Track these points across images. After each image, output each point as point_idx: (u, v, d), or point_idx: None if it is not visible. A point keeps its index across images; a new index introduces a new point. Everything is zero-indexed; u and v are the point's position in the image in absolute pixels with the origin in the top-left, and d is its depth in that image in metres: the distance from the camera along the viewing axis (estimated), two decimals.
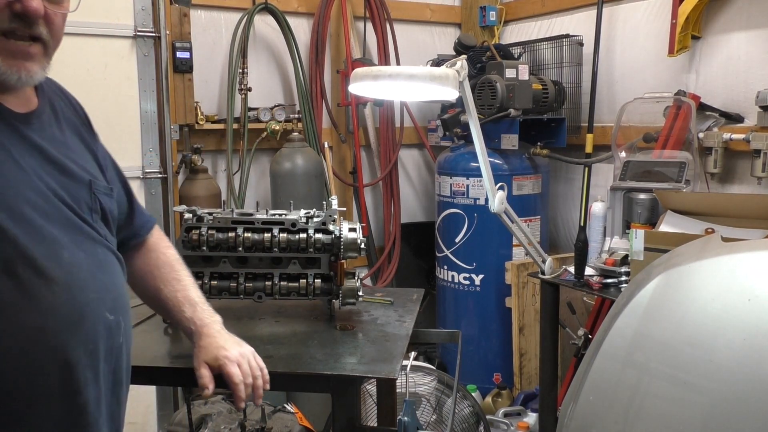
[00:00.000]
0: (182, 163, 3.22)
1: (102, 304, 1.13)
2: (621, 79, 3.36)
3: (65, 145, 1.19)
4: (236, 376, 1.34)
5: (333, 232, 1.88)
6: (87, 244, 1.13)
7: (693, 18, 2.84)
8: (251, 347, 1.43)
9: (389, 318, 1.95)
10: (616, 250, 2.63)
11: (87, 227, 1.15)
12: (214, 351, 1.36)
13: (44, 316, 1.03)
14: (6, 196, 1.03)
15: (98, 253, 1.16)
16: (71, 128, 1.24)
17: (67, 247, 1.08)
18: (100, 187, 1.22)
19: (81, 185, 1.17)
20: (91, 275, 1.11)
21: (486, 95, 3.20)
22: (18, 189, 1.05)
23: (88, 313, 1.09)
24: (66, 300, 1.06)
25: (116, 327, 1.17)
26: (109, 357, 1.15)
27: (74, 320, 1.07)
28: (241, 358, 1.37)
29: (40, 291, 1.03)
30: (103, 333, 1.13)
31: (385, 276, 3.84)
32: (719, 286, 1.24)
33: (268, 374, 1.44)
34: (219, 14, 3.50)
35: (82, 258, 1.11)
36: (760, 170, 2.59)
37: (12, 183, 1.04)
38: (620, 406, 1.27)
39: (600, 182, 3.30)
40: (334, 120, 3.76)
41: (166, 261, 1.46)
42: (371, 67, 1.87)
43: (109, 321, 1.14)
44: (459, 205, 3.45)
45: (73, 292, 1.07)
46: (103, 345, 1.13)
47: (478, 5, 4.05)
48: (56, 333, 1.05)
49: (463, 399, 2.79)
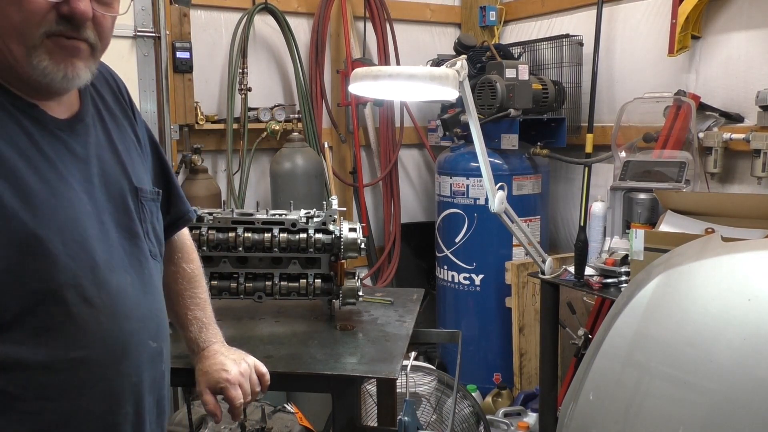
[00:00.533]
0: (182, 163, 3.22)
1: (146, 331, 1.09)
2: (621, 79, 3.36)
3: (111, 148, 1.13)
4: (237, 399, 1.35)
5: (333, 232, 1.88)
6: (134, 264, 1.09)
7: (693, 18, 2.84)
8: (252, 359, 1.42)
9: (389, 318, 1.95)
10: (616, 250, 2.63)
11: (134, 242, 1.10)
12: (215, 375, 1.35)
13: (90, 347, 0.99)
14: (58, 219, 0.97)
15: (144, 273, 1.11)
16: (115, 122, 1.18)
17: (115, 271, 1.04)
18: (147, 194, 1.17)
19: (129, 195, 1.12)
20: (137, 302, 1.07)
21: (486, 95, 3.20)
22: (69, 210, 0.99)
23: (133, 343, 1.05)
24: (112, 330, 1.02)
25: (158, 355, 1.13)
26: (153, 388, 1.12)
27: (119, 352, 1.03)
28: (241, 378, 1.36)
29: (86, 319, 0.99)
30: (147, 363, 1.09)
31: (385, 276, 3.84)
32: (719, 286, 1.24)
33: (269, 374, 1.44)
34: (219, 14, 3.50)
35: (129, 283, 1.06)
36: (760, 170, 2.59)
37: (63, 203, 0.99)
38: (620, 406, 1.27)
39: (600, 182, 3.30)
40: (334, 120, 3.76)
41: (185, 275, 1.42)
42: (371, 67, 1.87)
43: (152, 349, 1.11)
44: (459, 205, 3.45)
45: (119, 322, 1.03)
46: (148, 376, 1.10)
47: (478, 5, 4.05)
48: (101, 365, 1.01)
49: (463, 399, 2.79)
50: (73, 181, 1.02)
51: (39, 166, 0.97)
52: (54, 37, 0.98)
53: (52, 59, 0.98)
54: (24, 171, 0.95)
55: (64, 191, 1.00)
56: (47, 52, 0.98)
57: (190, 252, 1.45)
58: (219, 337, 1.43)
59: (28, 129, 0.99)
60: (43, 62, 0.98)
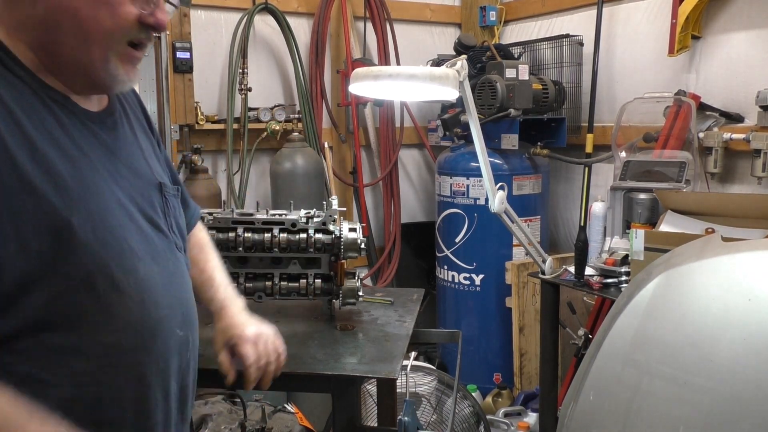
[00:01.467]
0: (182, 163, 3.22)
1: (173, 319, 1.10)
2: (621, 78, 3.36)
3: (137, 144, 1.16)
4: (249, 357, 1.33)
5: (333, 232, 1.88)
6: (160, 253, 1.10)
7: (693, 18, 2.84)
8: (274, 327, 1.41)
9: (389, 318, 1.95)
10: (617, 250, 2.63)
11: (161, 234, 1.12)
12: (230, 331, 1.35)
13: (120, 332, 1.00)
14: (88, 204, 0.98)
15: (170, 263, 1.12)
16: (139, 124, 1.21)
17: (143, 259, 1.04)
18: (170, 189, 1.19)
19: (153, 189, 1.14)
20: (165, 290, 1.08)
21: (486, 95, 3.20)
22: (99, 197, 1.00)
23: (161, 330, 1.07)
24: (141, 316, 1.03)
25: (185, 343, 1.14)
26: (178, 375, 1.12)
27: (148, 337, 1.04)
28: (257, 337, 1.35)
29: (116, 306, 1.00)
30: (174, 350, 1.10)
31: (385, 276, 3.84)
32: (719, 286, 1.24)
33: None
34: (219, 14, 3.50)
35: (156, 271, 1.07)
36: (760, 170, 2.59)
37: (93, 191, 0.99)
38: (620, 406, 1.27)
39: (600, 182, 3.30)
40: (334, 120, 3.76)
41: (195, 242, 1.45)
42: (371, 67, 1.87)
43: (179, 337, 1.11)
44: (459, 205, 3.45)
45: (147, 308, 1.04)
46: (174, 363, 1.11)
47: (478, 5, 4.05)
48: (131, 350, 1.02)
49: (464, 399, 2.79)
50: (103, 170, 1.03)
51: (71, 154, 0.98)
52: (134, 48, 1.02)
53: (124, 66, 1.02)
54: (56, 158, 0.96)
55: (95, 179, 1.01)
56: (121, 60, 1.01)
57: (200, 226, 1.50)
58: (238, 301, 1.43)
59: (61, 118, 1.00)
60: (118, 68, 1.01)
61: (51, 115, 0.99)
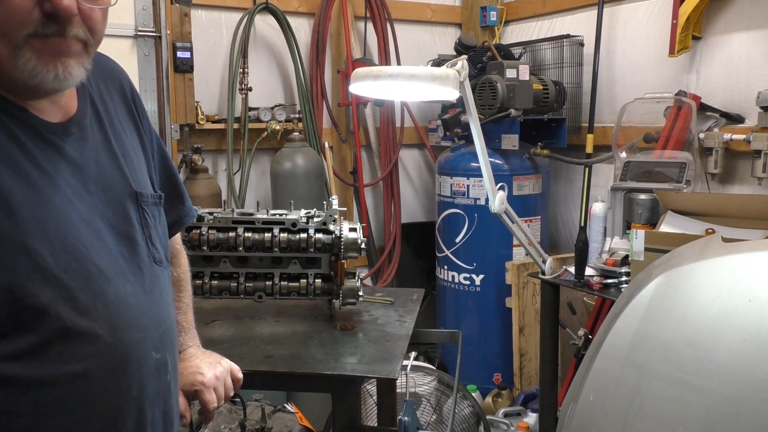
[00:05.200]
0: (183, 162, 3.22)
1: (149, 341, 1.04)
2: (621, 79, 3.36)
3: (109, 152, 1.07)
4: (211, 403, 1.33)
5: (333, 232, 1.89)
6: (135, 271, 1.04)
7: (693, 18, 2.84)
8: (228, 363, 1.40)
9: (389, 318, 1.95)
10: (617, 251, 2.63)
11: (136, 249, 1.06)
12: (190, 378, 1.33)
13: (87, 360, 0.95)
14: (47, 229, 0.92)
15: (146, 279, 1.06)
16: (118, 124, 1.12)
17: (113, 280, 0.99)
18: (149, 198, 1.12)
19: (129, 200, 1.07)
20: (139, 311, 1.02)
21: (486, 95, 3.20)
22: (60, 220, 0.94)
23: (134, 355, 1.01)
24: (110, 343, 0.97)
25: (163, 366, 1.08)
26: (157, 400, 1.07)
27: (118, 364, 0.99)
28: (216, 381, 1.34)
29: (83, 333, 0.94)
30: (149, 375, 1.04)
31: (385, 276, 3.84)
32: (719, 287, 1.24)
33: (267, 374, 1.44)
34: (219, 14, 3.50)
35: (129, 291, 1.01)
36: (760, 171, 2.59)
37: (54, 213, 0.93)
38: (620, 406, 1.27)
39: (600, 182, 3.30)
40: (334, 120, 3.77)
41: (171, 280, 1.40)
42: (372, 67, 1.87)
43: (155, 360, 1.05)
44: (459, 205, 3.45)
45: (117, 334, 0.98)
46: (151, 388, 1.05)
47: (478, 5, 4.05)
48: (99, 379, 0.96)
49: (464, 399, 2.79)
50: (66, 187, 0.97)
51: (28, 173, 0.93)
52: (41, 37, 0.92)
53: (40, 59, 0.92)
54: (8, 180, 0.90)
55: (55, 199, 0.95)
56: (34, 52, 0.92)
57: (179, 256, 1.41)
58: (196, 341, 1.41)
59: (17, 135, 0.94)
60: (30, 62, 0.92)
61: (5, 131, 0.92)
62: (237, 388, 1.41)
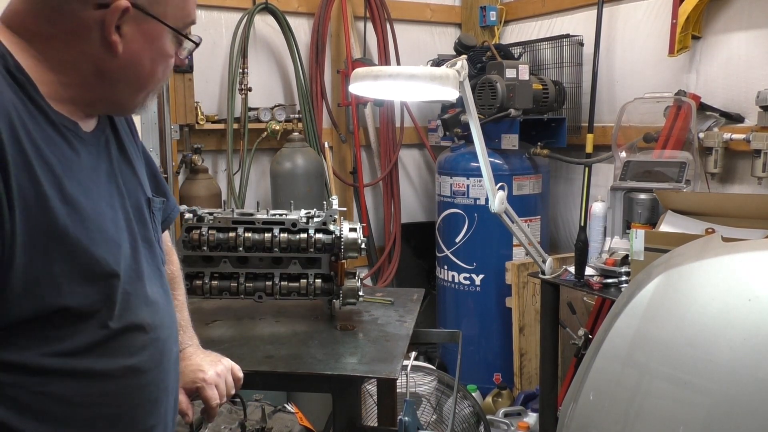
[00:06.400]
0: (182, 162, 3.22)
1: (172, 337, 1.15)
2: (621, 79, 3.36)
3: (126, 160, 1.14)
4: (213, 400, 1.36)
5: (333, 232, 1.89)
6: (156, 273, 1.12)
7: (693, 18, 2.84)
8: (228, 361, 1.43)
9: (390, 318, 1.95)
10: (617, 250, 2.63)
11: (153, 253, 1.13)
12: (191, 375, 1.36)
13: (139, 354, 1.04)
14: (105, 234, 0.98)
15: (164, 281, 1.15)
16: (126, 133, 1.18)
17: (149, 282, 1.07)
18: (157, 204, 1.19)
19: (144, 206, 1.14)
20: (164, 309, 1.12)
21: (486, 95, 3.20)
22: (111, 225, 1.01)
23: (167, 350, 1.11)
24: (154, 338, 1.06)
25: (178, 359, 1.19)
26: (174, 390, 1.17)
27: (158, 357, 1.08)
28: (218, 378, 1.37)
29: (137, 329, 1.03)
30: (173, 367, 1.15)
31: (385, 276, 3.84)
32: (719, 286, 1.24)
33: (267, 374, 1.44)
34: (219, 14, 3.50)
35: (159, 293, 1.10)
36: (760, 170, 2.59)
37: (106, 220, 1.00)
38: (620, 406, 1.27)
39: (600, 182, 3.30)
40: (334, 120, 3.77)
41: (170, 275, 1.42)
42: (371, 67, 1.87)
43: (175, 353, 1.16)
44: (459, 205, 3.45)
45: (157, 330, 1.07)
46: (173, 378, 1.15)
47: (478, 5, 4.05)
48: (146, 371, 1.06)
49: (464, 399, 2.79)
50: (108, 195, 1.04)
51: (87, 185, 0.98)
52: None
53: (150, 101, 1.09)
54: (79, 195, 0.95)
55: (101, 204, 1.01)
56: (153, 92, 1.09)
57: (171, 254, 1.45)
58: (195, 340, 1.44)
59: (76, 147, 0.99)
60: (148, 100, 1.08)
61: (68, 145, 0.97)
62: (238, 387, 1.43)
